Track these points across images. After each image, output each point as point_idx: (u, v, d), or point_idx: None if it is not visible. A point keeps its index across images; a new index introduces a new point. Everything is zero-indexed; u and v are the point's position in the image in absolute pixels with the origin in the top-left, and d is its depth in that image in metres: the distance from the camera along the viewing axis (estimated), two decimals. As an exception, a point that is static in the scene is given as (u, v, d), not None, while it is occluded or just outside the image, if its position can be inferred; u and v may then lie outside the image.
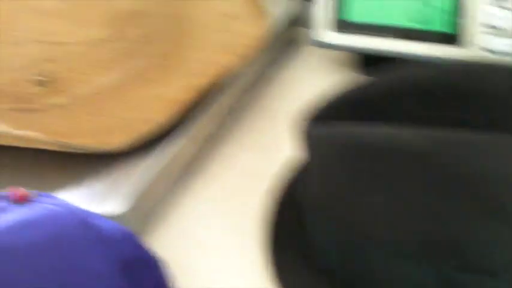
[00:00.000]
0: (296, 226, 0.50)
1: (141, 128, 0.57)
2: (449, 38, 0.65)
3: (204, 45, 0.65)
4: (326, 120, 0.45)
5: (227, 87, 0.63)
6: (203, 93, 0.60)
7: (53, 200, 0.46)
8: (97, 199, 0.53)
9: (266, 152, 0.62)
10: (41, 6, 0.57)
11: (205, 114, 0.61)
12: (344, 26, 0.69)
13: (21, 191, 0.46)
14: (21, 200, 0.45)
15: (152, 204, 0.56)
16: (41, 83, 0.60)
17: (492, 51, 0.63)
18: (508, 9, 0.62)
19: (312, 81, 0.71)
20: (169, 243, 0.54)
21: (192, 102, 0.59)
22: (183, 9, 0.70)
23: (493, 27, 0.63)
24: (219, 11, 0.70)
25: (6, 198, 0.46)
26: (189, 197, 0.59)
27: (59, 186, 0.55)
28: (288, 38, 0.75)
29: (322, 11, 0.70)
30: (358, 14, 0.69)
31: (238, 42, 0.64)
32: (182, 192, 0.59)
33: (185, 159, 0.59)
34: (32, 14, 0.57)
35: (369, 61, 0.72)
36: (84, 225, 0.43)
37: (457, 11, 0.65)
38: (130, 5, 0.62)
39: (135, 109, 0.59)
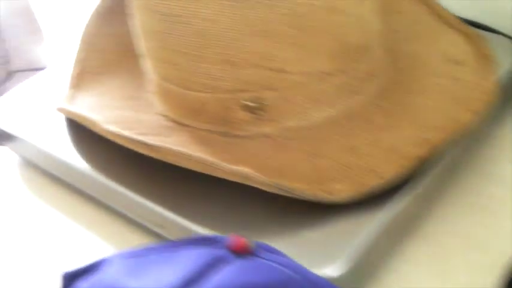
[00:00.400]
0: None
1: (365, 179, 0.50)
2: None
3: (432, 93, 0.57)
4: None
5: (453, 143, 0.55)
6: (437, 150, 0.52)
7: (275, 257, 0.40)
8: (312, 255, 0.47)
9: (488, 217, 0.55)
10: (269, 30, 0.51)
11: (432, 172, 0.53)
12: None
13: (242, 241, 0.40)
14: (242, 252, 0.40)
15: (370, 268, 0.49)
16: (250, 109, 0.54)
17: None
18: None
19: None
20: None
21: (425, 159, 0.52)
22: (404, 46, 0.63)
23: None
24: (443, 53, 0.62)
25: (224, 245, 0.40)
26: (406, 262, 0.52)
27: (267, 232, 0.49)
28: (509, 93, 0.66)
29: None
30: None
31: (472, 95, 0.56)
32: (399, 257, 0.52)
33: (406, 220, 0.52)
34: (257, 36, 0.51)
35: None
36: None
37: None
38: (360, 38, 0.55)
39: (356, 155, 0.52)
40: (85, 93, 0.63)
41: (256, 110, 0.54)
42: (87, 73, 0.66)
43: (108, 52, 0.68)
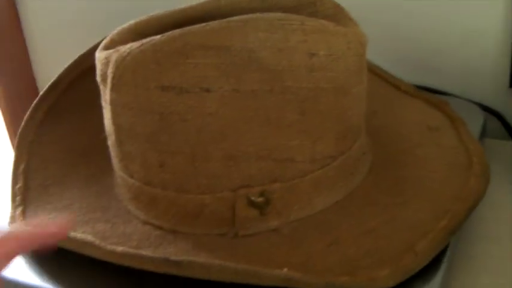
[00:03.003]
0: None
1: (403, 259, 0.46)
2: None
3: (425, 163, 0.56)
4: None
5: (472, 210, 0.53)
6: (460, 219, 0.50)
7: None
8: None
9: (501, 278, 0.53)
10: (274, 119, 0.48)
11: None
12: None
13: None
14: None
15: None
16: (256, 205, 0.50)
17: None
18: None
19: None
20: None
21: (452, 231, 0.49)
22: (374, 120, 0.61)
23: None
24: (417, 122, 0.62)
25: None
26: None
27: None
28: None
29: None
30: None
31: (466, 160, 0.55)
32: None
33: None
34: (262, 126, 0.48)
35: None
36: None
37: None
38: (359, 118, 0.53)
39: (379, 236, 0.48)
40: (38, 209, 0.56)
41: (261, 204, 0.50)
42: (33, 186, 0.59)
43: (53, 161, 0.61)
